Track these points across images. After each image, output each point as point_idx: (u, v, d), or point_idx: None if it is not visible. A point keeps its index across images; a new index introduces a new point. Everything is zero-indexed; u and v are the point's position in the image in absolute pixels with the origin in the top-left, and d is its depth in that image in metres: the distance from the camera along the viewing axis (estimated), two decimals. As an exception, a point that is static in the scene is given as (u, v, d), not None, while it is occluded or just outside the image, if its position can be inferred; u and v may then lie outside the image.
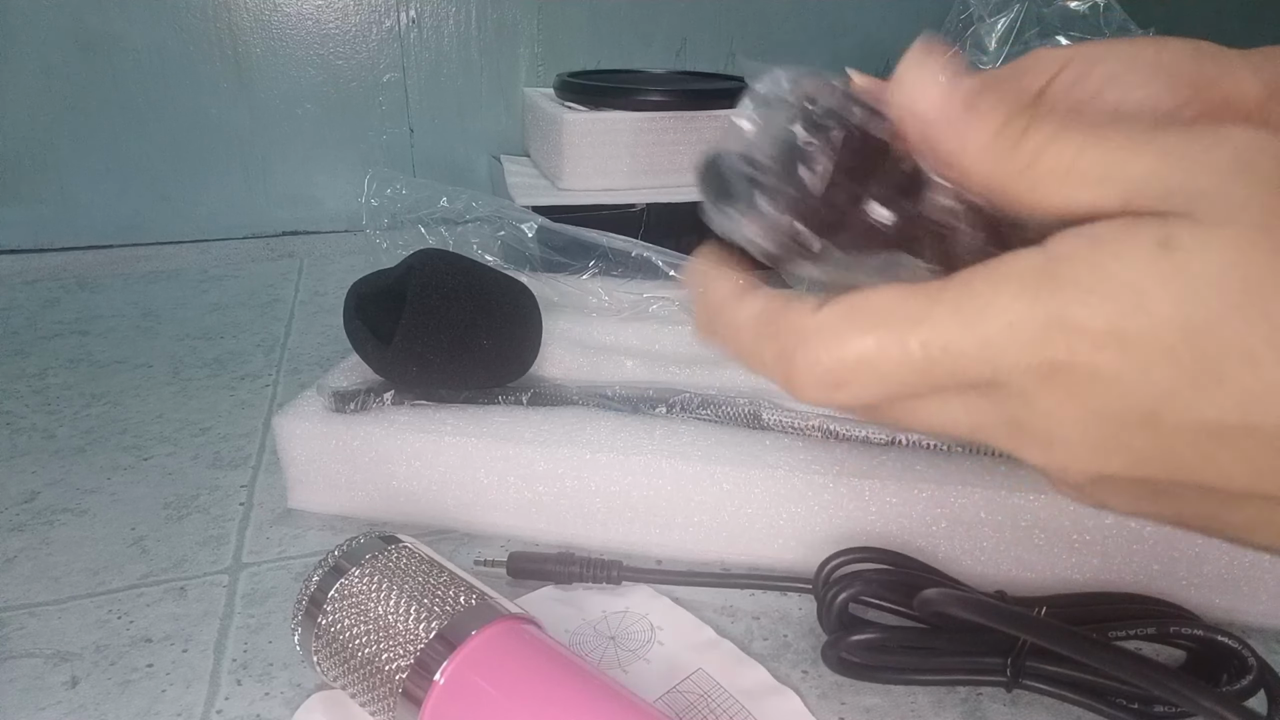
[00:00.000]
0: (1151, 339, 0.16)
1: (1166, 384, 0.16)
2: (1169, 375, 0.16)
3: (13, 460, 0.52)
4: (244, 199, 0.95)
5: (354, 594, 0.29)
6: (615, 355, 0.51)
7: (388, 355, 0.43)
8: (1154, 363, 0.16)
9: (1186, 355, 0.16)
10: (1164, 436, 0.17)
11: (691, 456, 0.41)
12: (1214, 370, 0.16)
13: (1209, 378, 0.16)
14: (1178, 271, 0.16)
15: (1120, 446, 0.18)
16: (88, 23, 0.85)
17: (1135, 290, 0.16)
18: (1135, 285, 0.16)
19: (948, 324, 0.18)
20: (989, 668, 0.33)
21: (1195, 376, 0.16)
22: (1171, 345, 0.16)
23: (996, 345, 0.17)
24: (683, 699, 0.33)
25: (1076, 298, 0.17)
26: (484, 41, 0.96)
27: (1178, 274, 0.16)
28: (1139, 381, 0.16)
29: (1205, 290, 0.16)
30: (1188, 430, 0.17)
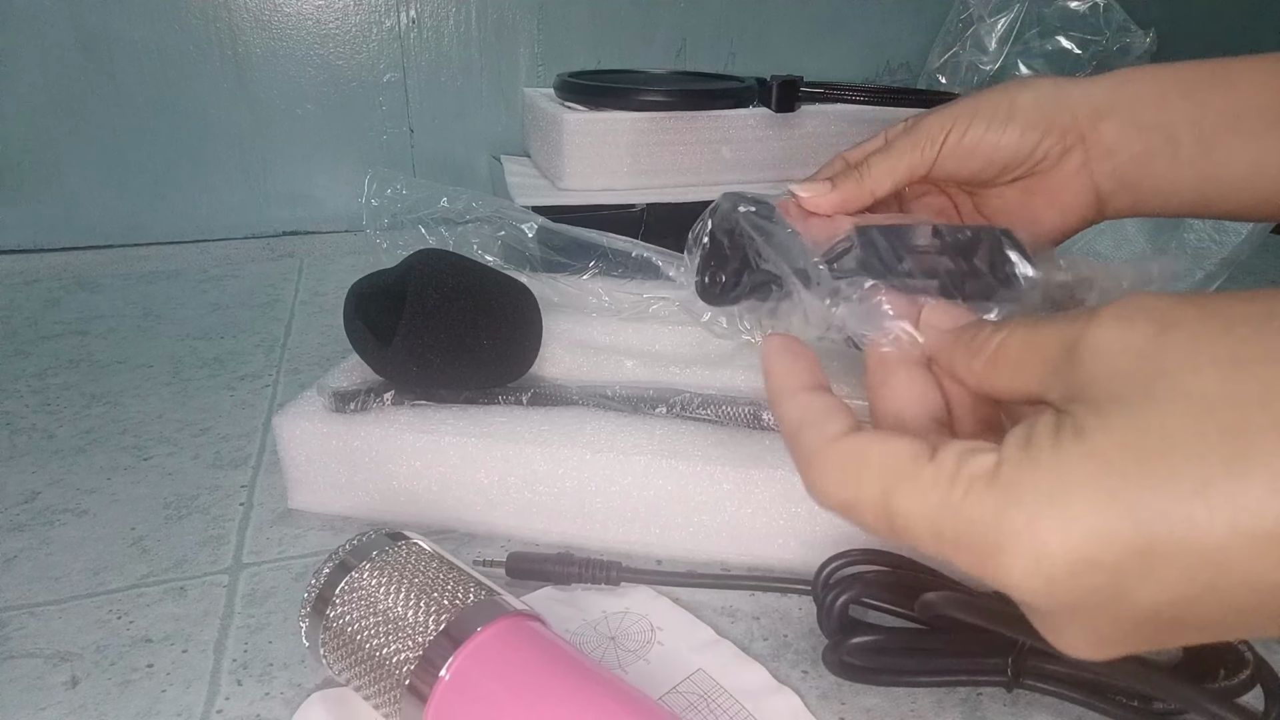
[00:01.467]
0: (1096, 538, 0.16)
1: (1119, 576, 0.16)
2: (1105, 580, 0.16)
3: (13, 460, 0.52)
4: (244, 199, 0.95)
5: (362, 589, 0.29)
6: (615, 355, 0.51)
7: (388, 355, 0.43)
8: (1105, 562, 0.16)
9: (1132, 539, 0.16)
10: (1133, 617, 0.17)
11: (691, 456, 0.41)
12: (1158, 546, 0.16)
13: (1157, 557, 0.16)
14: (1095, 457, 0.17)
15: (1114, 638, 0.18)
16: (88, 23, 0.85)
17: (1070, 492, 0.16)
18: (1069, 486, 0.16)
19: (917, 506, 0.19)
20: (990, 668, 0.33)
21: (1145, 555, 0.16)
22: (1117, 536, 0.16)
23: (949, 543, 0.18)
24: (683, 699, 0.33)
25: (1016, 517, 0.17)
26: (484, 41, 0.96)
27: (1098, 460, 0.17)
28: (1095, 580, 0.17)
29: (1127, 469, 0.16)
30: (1153, 613, 0.17)
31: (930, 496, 0.18)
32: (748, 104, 0.79)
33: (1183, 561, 0.15)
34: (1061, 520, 0.16)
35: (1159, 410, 0.16)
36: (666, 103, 0.76)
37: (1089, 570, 0.16)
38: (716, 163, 0.79)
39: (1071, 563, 0.16)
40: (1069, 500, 0.16)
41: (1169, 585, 0.16)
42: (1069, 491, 0.16)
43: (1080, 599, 0.17)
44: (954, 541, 0.18)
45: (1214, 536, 0.15)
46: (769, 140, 0.80)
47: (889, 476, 0.19)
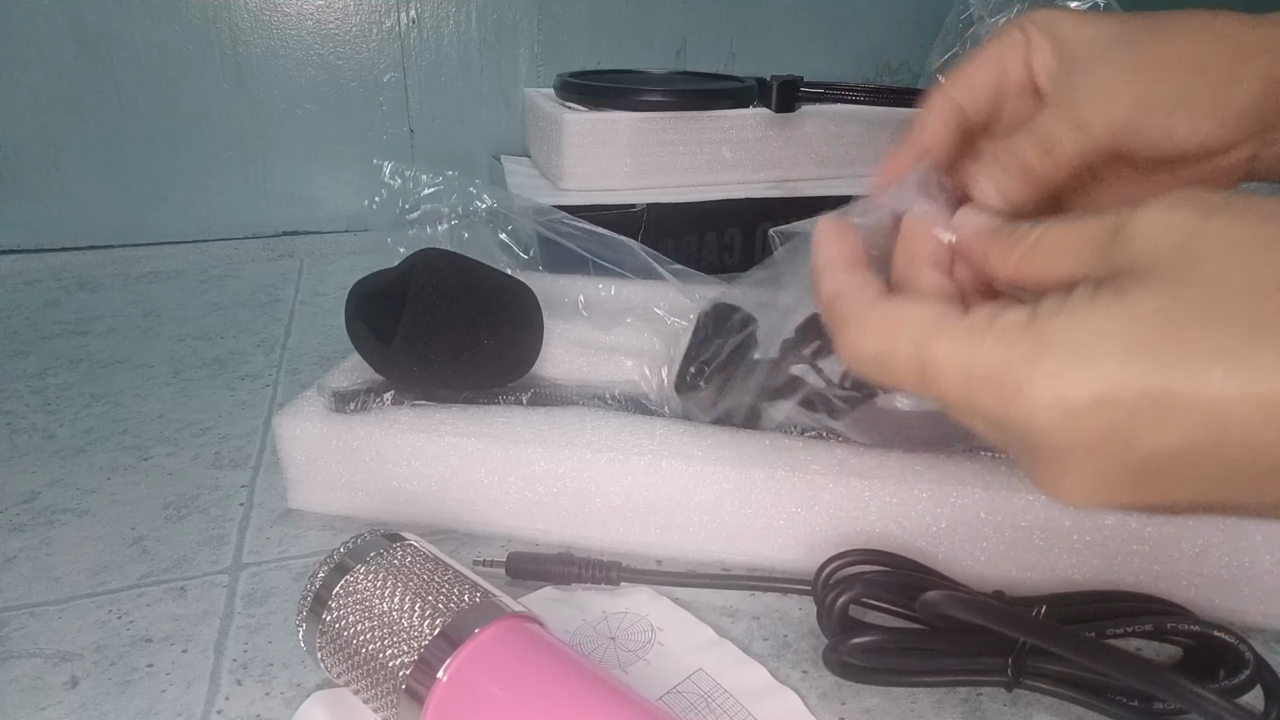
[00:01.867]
0: (1116, 383, 0.18)
1: (1133, 420, 0.18)
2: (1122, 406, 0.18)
3: (13, 460, 0.52)
4: (244, 199, 0.95)
5: (358, 591, 0.29)
6: (615, 355, 0.51)
7: (389, 355, 0.43)
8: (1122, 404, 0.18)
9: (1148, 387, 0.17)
10: (1140, 464, 0.18)
11: (691, 456, 0.41)
12: (1164, 402, 0.17)
13: (1169, 406, 0.17)
14: (1129, 315, 0.18)
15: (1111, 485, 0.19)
16: (88, 23, 0.85)
17: (1093, 342, 0.18)
18: (1093, 337, 0.18)
19: (951, 352, 0.20)
20: (990, 668, 0.33)
21: (1157, 404, 0.17)
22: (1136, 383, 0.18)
23: (975, 388, 0.20)
24: (683, 699, 0.33)
25: (1044, 361, 0.19)
26: (484, 41, 0.96)
27: (1129, 318, 0.18)
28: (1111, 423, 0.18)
29: (1154, 328, 0.18)
30: (1156, 460, 0.18)
31: (964, 342, 0.20)
32: (748, 104, 0.79)
33: (1193, 414, 0.17)
34: (1089, 361, 0.18)
35: (1195, 285, 0.17)
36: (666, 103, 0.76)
37: (1107, 408, 0.18)
38: (716, 163, 0.79)
39: (1093, 398, 0.18)
40: (1099, 345, 0.18)
41: (1176, 433, 0.17)
42: (1100, 339, 0.18)
43: (1093, 436, 0.18)
44: (983, 379, 0.19)
45: (1225, 395, 0.17)
46: (769, 140, 0.80)
47: (923, 328, 0.21)
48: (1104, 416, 0.18)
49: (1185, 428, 0.17)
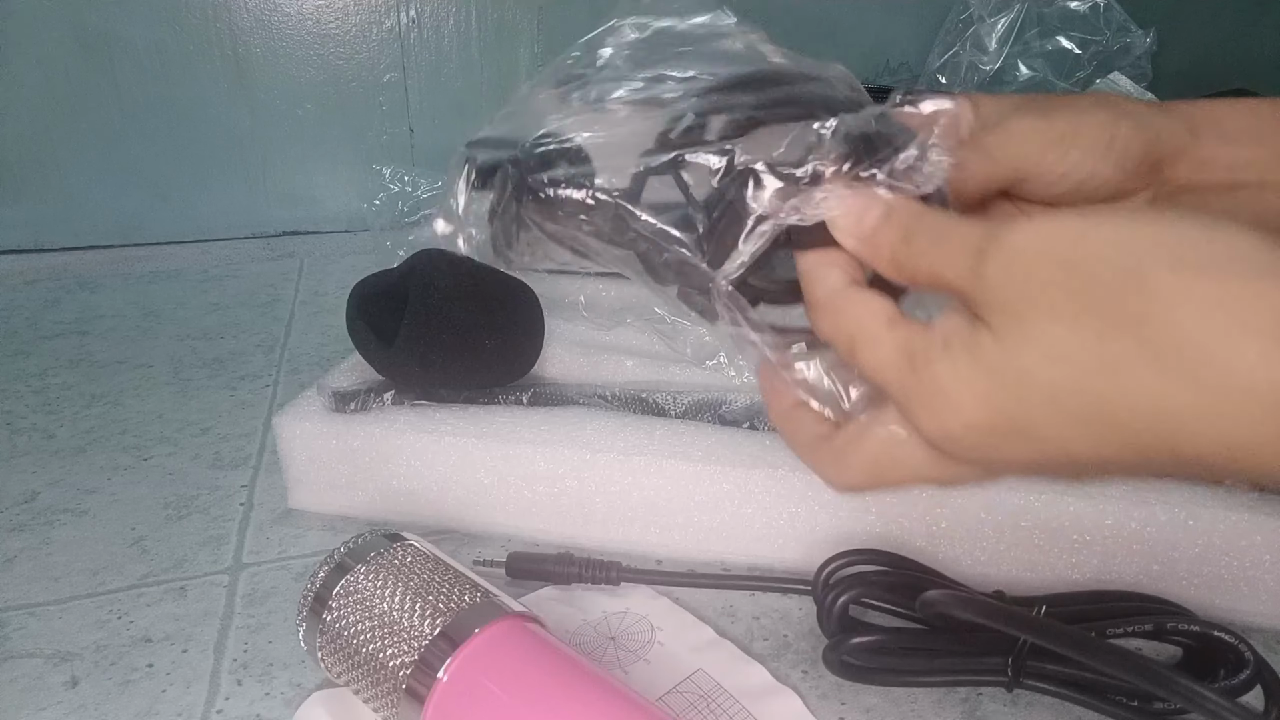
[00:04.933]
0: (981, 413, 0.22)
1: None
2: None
3: (13, 460, 0.52)
4: (244, 199, 0.95)
5: (358, 591, 0.29)
6: (615, 355, 0.51)
7: (391, 355, 0.43)
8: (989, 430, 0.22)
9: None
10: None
11: (691, 456, 0.41)
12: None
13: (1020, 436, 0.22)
14: (982, 383, 0.22)
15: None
16: (88, 23, 0.85)
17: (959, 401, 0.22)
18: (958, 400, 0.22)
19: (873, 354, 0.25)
20: (990, 668, 0.33)
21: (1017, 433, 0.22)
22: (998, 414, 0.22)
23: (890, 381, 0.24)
24: (683, 699, 0.33)
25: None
26: (484, 41, 0.96)
27: (983, 386, 0.22)
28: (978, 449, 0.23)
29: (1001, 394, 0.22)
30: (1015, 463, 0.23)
31: (883, 355, 0.24)
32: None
33: (1031, 442, 0.22)
34: (955, 407, 0.22)
35: (1026, 333, 0.21)
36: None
37: (972, 434, 0.22)
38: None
39: (962, 429, 0.22)
40: (962, 393, 0.22)
41: (1023, 452, 0.22)
42: (962, 388, 0.22)
43: (967, 451, 0.23)
44: (892, 389, 0.24)
45: (1053, 429, 0.21)
46: (769, 140, 0.79)
47: (860, 329, 0.24)
48: (969, 440, 0.22)
49: (1027, 450, 0.22)
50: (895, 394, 0.24)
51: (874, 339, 0.24)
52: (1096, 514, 0.38)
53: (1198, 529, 0.37)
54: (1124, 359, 0.20)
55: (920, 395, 0.23)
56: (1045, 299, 0.21)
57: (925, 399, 0.23)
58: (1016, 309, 0.21)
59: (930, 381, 0.23)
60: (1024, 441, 0.22)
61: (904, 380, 0.23)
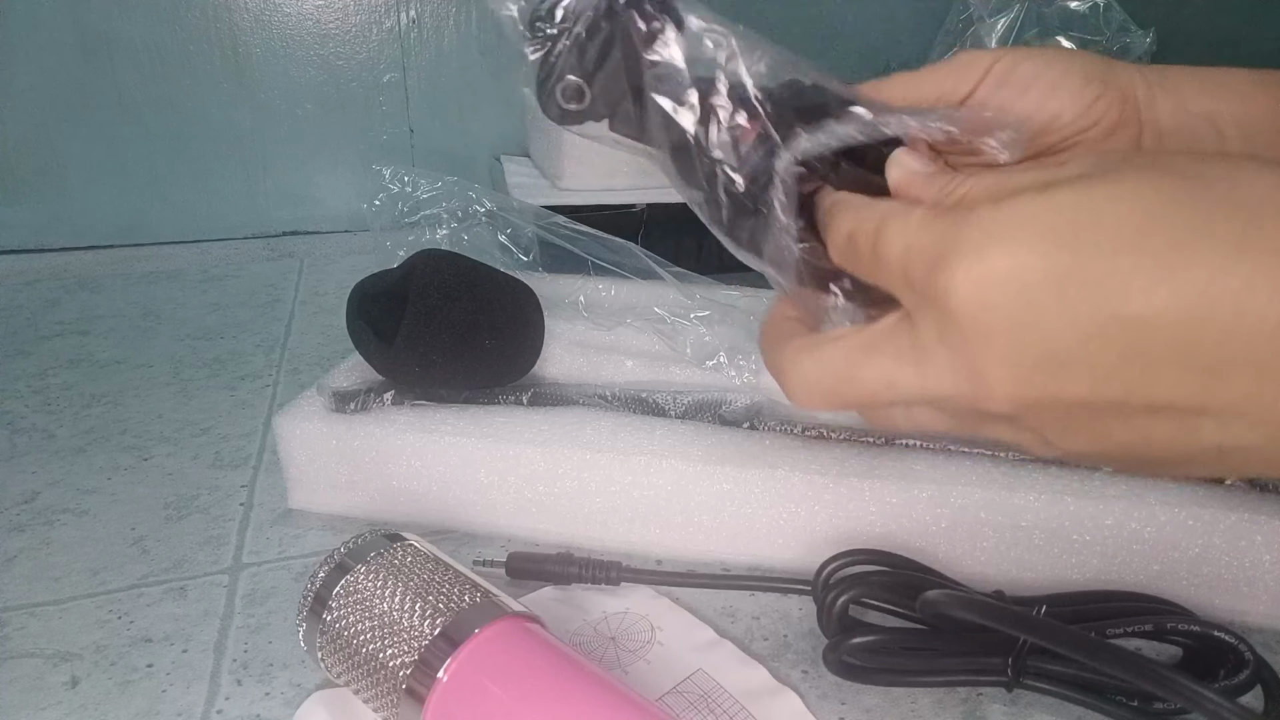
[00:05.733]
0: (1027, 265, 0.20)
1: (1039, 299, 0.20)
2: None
3: (13, 460, 0.52)
4: (244, 199, 0.95)
5: (358, 591, 0.29)
6: (615, 355, 0.51)
7: (391, 355, 0.43)
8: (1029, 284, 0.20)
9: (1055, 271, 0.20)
10: (1045, 343, 0.20)
11: (691, 456, 0.41)
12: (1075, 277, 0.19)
13: (1072, 284, 0.20)
14: (1050, 208, 0.20)
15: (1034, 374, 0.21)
16: (88, 23, 0.85)
17: (1015, 227, 0.20)
18: (1016, 223, 0.20)
19: (900, 231, 0.23)
20: (990, 668, 0.33)
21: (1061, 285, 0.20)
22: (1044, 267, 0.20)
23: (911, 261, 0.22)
24: (683, 699, 0.33)
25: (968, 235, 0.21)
26: (484, 41, 0.96)
27: (1050, 209, 0.20)
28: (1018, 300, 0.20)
29: (1069, 220, 0.20)
30: (1063, 333, 0.20)
31: (910, 221, 0.22)
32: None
33: (1097, 294, 0.19)
34: (1005, 241, 0.20)
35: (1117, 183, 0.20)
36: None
37: (1017, 282, 0.20)
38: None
39: (1006, 271, 0.20)
40: (1017, 227, 0.20)
41: (1080, 312, 0.19)
42: (1018, 222, 0.20)
43: (1003, 311, 0.20)
44: (918, 251, 0.22)
45: (1132, 284, 0.19)
46: (769, 140, 0.79)
47: (887, 211, 0.23)
48: (1014, 291, 0.20)
49: (1088, 308, 0.19)
50: (925, 257, 0.21)
51: (907, 211, 0.23)
52: (1096, 514, 0.38)
53: (1198, 529, 0.37)
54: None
55: (962, 238, 0.20)
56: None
57: (968, 242, 0.20)
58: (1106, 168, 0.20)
59: (978, 222, 0.21)
60: (1079, 288, 0.19)
61: (941, 230, 0.21)
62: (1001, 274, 0.20)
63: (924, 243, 0.22)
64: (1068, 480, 0.39)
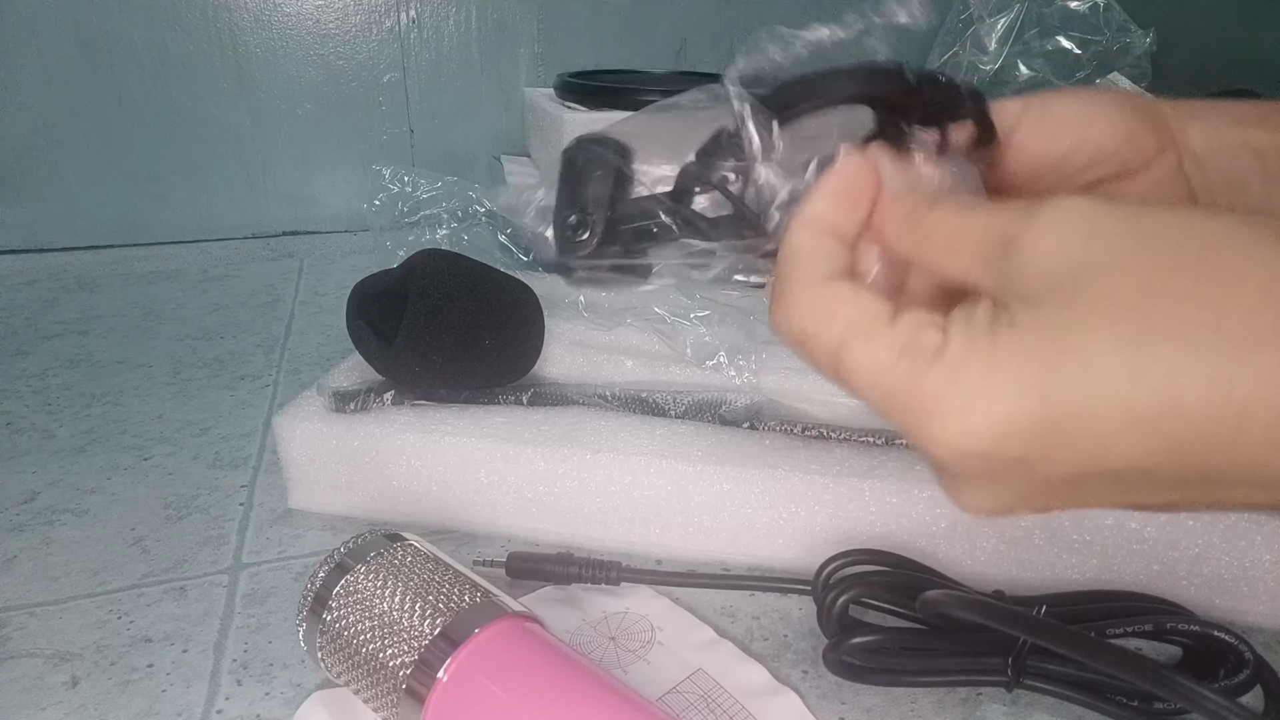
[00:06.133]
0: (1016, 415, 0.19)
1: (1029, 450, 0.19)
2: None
3: (13, 460, 0.52)
4: (244, 199, 0.95)
5: (358, 591, 0.29)
6: (615, 355, 0.51)
7: (391, 355, 0.43)
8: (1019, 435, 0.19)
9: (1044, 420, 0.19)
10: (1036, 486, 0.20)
11: (691, 456, 0.41)
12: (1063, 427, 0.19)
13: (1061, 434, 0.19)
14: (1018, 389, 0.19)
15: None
16: (88, 23, 0.85)
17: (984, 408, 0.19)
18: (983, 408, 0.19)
19: (865, 357, 0.22)
20: (990, 668, 0.33)
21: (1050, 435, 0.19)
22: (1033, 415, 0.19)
23: (885, 398, 0.21)
24: (683, 699, 0.33)
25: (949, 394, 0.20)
26: (484, 41, 0.96)
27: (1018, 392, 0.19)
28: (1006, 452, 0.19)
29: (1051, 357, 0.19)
30: (1047, 482, 0.20)
31: (881, 356, 0.21)
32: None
33: (1081, 442, 0.19)
34: (989, 400, 0.19)
35: (1081, 311, 0.19)
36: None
37: (1003, 443, 0.19)
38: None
39: (990, 437, 0.19)
40: (997, 383, 0.19)
41: (1066, 462, 0.19)
42: (998, 375, 0.19)
43: (990, 467, 0.20)
44: (892, 398, 0.21)
45: (1103, 417, 0.18)
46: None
47: (851, 328, 0.22)
48: (999, 451, 0.19)
49: (1073, 456, 0.19)
50: (896, 402, 0.21)
51: (868, 335, 0.21)
52: (1096, 514, 0.38)
53: (1198, 529, 0.37)
54: (1193, 348, 0.18)
55: (935, 394, 0.20)
56: (1102, 284, 0.19)
57: (941, 398, 0.20)
58: (1063, 292, 0.19)
59: (948, 376, 0.20)
60: (1055, 448, 0.19)
61: (910, 380, 0.20)
62: (984, 441, 0.19)
63: (897, 390, 0.21)
64: (1068, 480, 0.39)
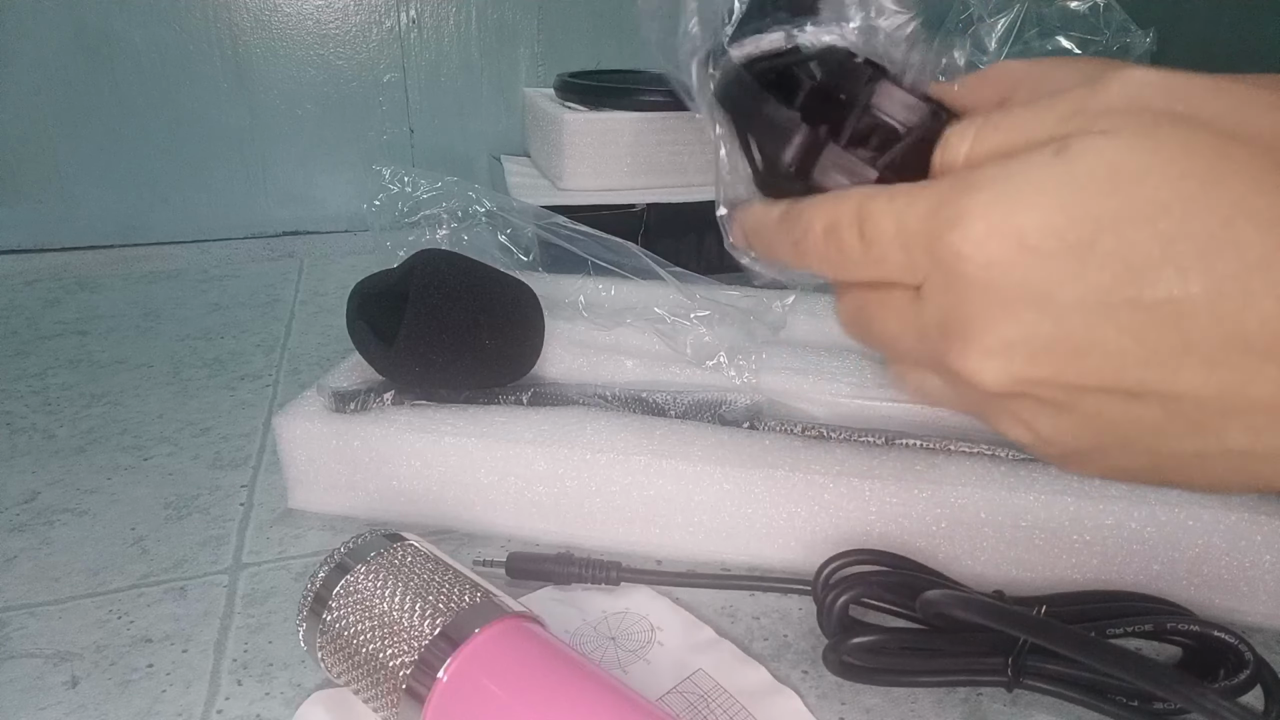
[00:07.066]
0: (1044, 230, 0.18)
1: (1054, 269, 0.18)
2: (1056, 262, 0.18)
3: (13, 460, 0.52)
4: (244, 199, 0.95)
5: (358, 591, 0.29)
6: (615, 355, 0.51)
7: (391, 355, 0.43)
8: (1045, 252, 0.18)
9: (1074, 240, 0.18)
10: (1056, 319, 0.19)
11: (691, 456, 0.41)
12: (1097, 249, 0.18)
13: (1093, 257, 0.18)
14: (1068, 172, 0.18)
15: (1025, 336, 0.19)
16: (88, 23, 0.85)
17: (1031, 189, 0.18)
18: (1032, 185, 0.18)
19: (887, 206, 0.21)
20: (990, 668, 0.33)
21: (1081, 256, 0.18)
22: (1062, 234, 0.18)
23: (909, 234, 0.20)
24: (683, 699, 0.33)
25: (979, 197, 0.19)
26: (484, 41, 0.96)
27: (1069, 174, 0.18)
28: (1032, 269, 0.18)
29: (1092, 186, 0.18)
30: (1077, 310, 0.18)
31: (899, 196, 0.21)
32: (748, 104, 0.79)
33: (1111, 275, 0.18)
34: (1019, 203, 0.18)
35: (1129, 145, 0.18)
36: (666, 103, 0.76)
37: (1032, 246, 0.18)
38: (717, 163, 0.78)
39: (1018, 233, 0.18)
40: (1032, 191, 0.19)
41: (1093, 290, 0.18)
42: (1033, 186, 0.19)
43: (1014, 278, 0.18)
44: (916, 224, 0.20)
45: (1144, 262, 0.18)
46: (769, 140, 0.79)
47: (865, 192, 0.22)
48: (1028, 256, 0.18)
49: (1109, 285, 0.18)
50: (932, 221, 0.20)
51: (880, 192, 0.21)
52: (1096, 514, 0.38)
53: (1198, 529, 0.37)
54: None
55: (977, 190, 0.19)
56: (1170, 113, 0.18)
57: (982, 192, 0.19)
58: (1132, 117, 0.18)
59: (996, 177, 0.19)
60: (1091, 261, 0.18)
61: (946, 198, 0.19)
62: (1014, 235, 0.18)
63: (921, 211, 0.20)
64: (1068, 480, 0.39)
